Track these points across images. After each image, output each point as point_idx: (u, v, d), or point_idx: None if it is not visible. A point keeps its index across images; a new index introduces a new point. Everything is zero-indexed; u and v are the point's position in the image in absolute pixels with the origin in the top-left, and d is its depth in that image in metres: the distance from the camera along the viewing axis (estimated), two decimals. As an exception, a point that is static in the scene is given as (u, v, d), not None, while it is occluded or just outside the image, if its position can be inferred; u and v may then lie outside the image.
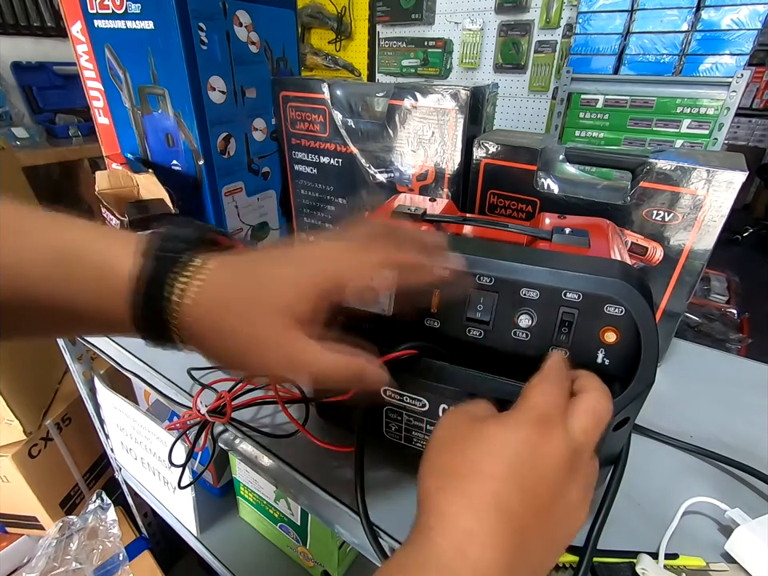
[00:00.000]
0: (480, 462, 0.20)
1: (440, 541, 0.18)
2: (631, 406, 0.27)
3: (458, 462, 0.20)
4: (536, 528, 0.19)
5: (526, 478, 0.19)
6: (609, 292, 0.27)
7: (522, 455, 0.20)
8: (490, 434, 0.21)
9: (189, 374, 0.47)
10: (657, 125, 1.40)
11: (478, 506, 0.19)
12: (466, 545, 0.18)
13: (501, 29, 1.97)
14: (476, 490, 0.19)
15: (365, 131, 0.61)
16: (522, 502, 0.19)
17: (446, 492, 0.20)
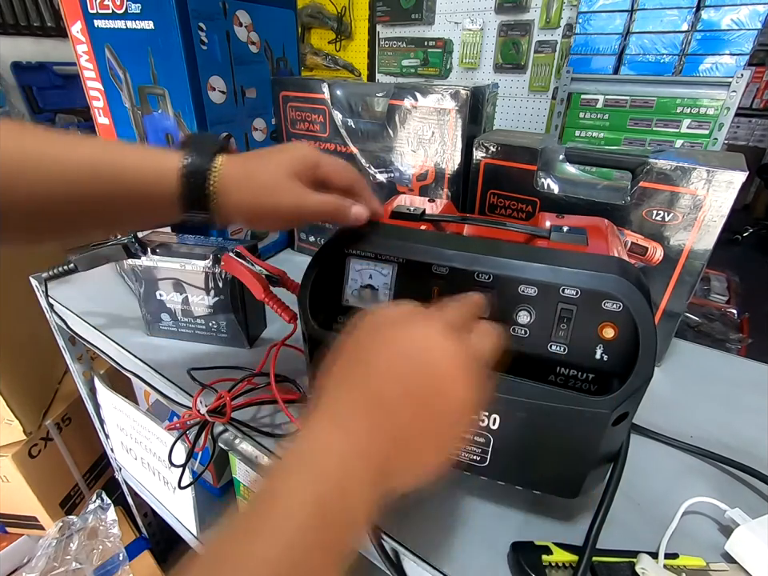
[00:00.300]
0: (377, 363, 0.22)
1: (318, 431, 0.20)
2: (630, 401, 0.27)
3: (360, 361, 0.23)
4: (415, 421, 0.22)
5: (413, 375, 0.22)
6: (607, 288, 0.27)
7: (416, 352, 0.22)
8: (396, 336, 0.23)
9: (189, 374, 0.47)
10: (657, 125, 1.39)
11: (362, 401, 0.21)
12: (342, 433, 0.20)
13: (501, 29, 1.97)
14: (364, 388, 0.22)
15: (365, 131, 0.61)
16: (408, 398, 0.21)
17: (337, 388, 0.22)
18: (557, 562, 0.30)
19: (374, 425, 0.21)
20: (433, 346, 0.23)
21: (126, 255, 0.48)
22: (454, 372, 0.22)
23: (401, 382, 0.22)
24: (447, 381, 0.22)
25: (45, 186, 0.27)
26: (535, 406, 0.28)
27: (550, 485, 0.31)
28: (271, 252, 0.77)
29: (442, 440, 0.23)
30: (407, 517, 0.34)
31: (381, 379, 0.22)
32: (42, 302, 0.64)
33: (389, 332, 0.24)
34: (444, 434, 0.23)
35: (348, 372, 0.23)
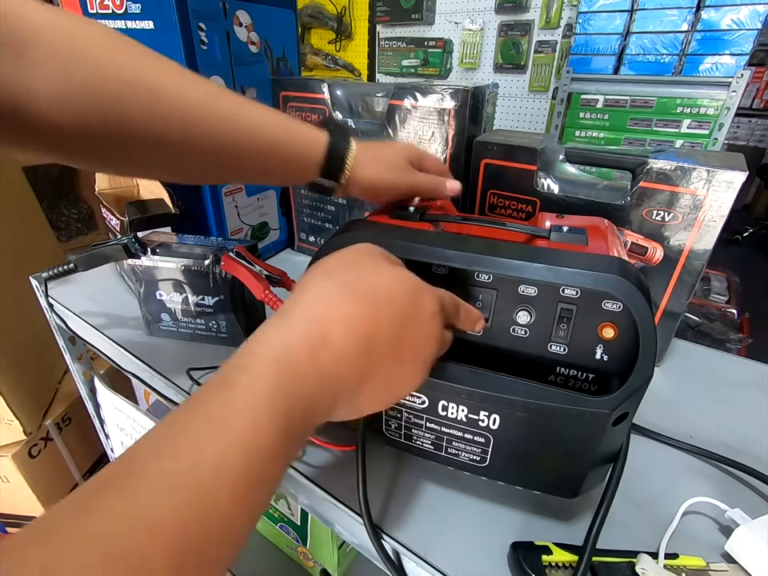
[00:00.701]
0: (379, 297, 0.23)
1: (298, 338, 0.21)
2: (630, 401, 0.27)
3: (366, 289, 0.23)
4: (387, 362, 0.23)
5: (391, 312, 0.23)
6: (607, 288, 0.27)
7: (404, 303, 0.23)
8: (385, 272, 0.24)
9: (188, 374, 0.47)
10: (657, 125, 1.40)
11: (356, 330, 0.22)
12: (323, 354, 0.21)
13: (501, 29, 1.97)
14: (363, 320, 0.22)
15: (365, 131, 0.61)
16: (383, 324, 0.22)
17: (333, 300, 0.22)
18: (557, 562, 0.30)
19: (361, 337, 0.22)
20: (419, 288, 0.25)
21: (126, 255, 0.48)
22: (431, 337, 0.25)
23: (394, 316, 0.23)
24: (423, 332, 0.24)
25: (218, 132, 0.32)
26: (535, 406, 0.28)
27: (550, 485, 0.31)
28: (271, 252, 0.77)
29: (399, 375, 0.24)
30: (407, 517, 0.34)
31: (376, 304, 0.23)
32: (42, 302, 0.64)
33: (388, 264, 0.25)
34: (403, 371, 0.24)
35: (342, 284, 0.23)
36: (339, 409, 0.22)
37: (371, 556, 0.34)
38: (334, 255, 0.25)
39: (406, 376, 0.25)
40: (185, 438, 0.16)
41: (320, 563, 0.66)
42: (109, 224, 0.66)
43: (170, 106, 0.30)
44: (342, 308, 0.22)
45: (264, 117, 0.35)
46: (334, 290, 0.22)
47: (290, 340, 0.20)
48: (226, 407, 0.17)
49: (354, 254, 0.25)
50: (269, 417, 0.18)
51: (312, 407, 0.20)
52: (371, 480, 0.33)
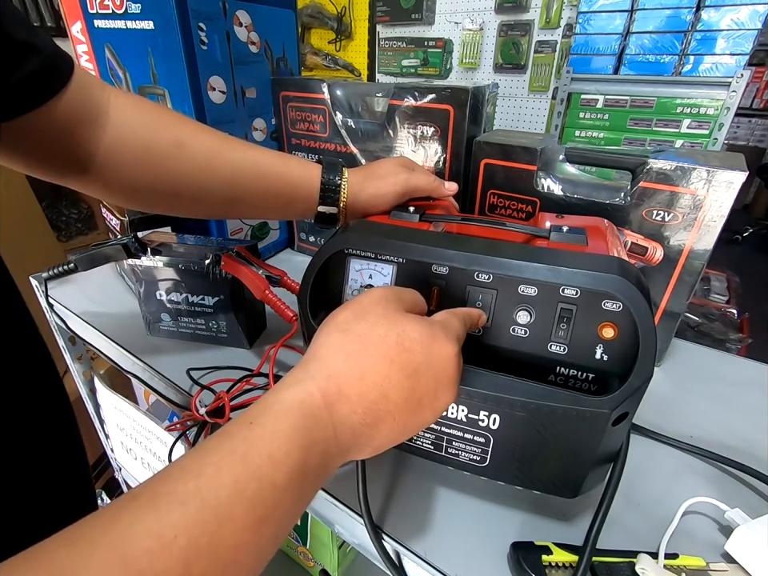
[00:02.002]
0: (390, 349, 0.23)
1: (316, 391, 0.22)
2: (630, 400, 0.27)
3: (376, 340, 0.24)
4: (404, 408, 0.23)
5: (404, 362, 0.23)
6: (606, 288, 0.27)
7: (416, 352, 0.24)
8: (396, 322, 0.24)
9: (188, 374, 0.47)
10: (657, 125, 1.39)
11: (368, 383, 0.23)
12: (339, 405, 0.22)
13: (501, 29, 1.97)
14: (376, 373, 0.23)
15: (365, 131, 0.61)
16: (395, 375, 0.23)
17: (347, 356, 0.23)
18: (557, 562, 0.30)
19: (373, 389, 0.23)
20: (433, 335, 0.24)
21: (126, 255, 0.48)
22: (451, 380, 0.25)
23: (407, 364, 0.23)
24: (438, 382, 0.24)
25: (225, 178, 0.39)
26: (535, 406, 0.28)
27: (550, 485, 0.31)
28: (271, 252, 0.77)
29: (416, 419, 0.24)
30: (407, 517, 0.34)
31: (389, 356, 0.23)
32: (42, 302, 0.64)
33: (400, 313, 0.25)
34: (422, 414, 0.24)
35: (356, 339, 0.24)
36: (356, 452, 0.24)
37: (371, 556, 0.34)
38: (346, 306, 0.26)
39: (424, 419, 0.25)
40: (208, 466, 0.18)
41: (320, 563, 0.66)
42: (109, 224, 0.66)
43: (191, 158, 0.37)
44: (356, 363, 0.23)
45: (264, 159, 0.40)
46: (349, 346, 0.24)
47: (310, 391, 0.22)
48: (248, 442, 0.19)
49: (366, 303, 0.26)
50: (285, 454, 0.19)
51: (327, 451, 0.21)
52: (371, 480, 0.33)
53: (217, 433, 0.20)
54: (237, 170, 0.39)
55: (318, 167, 0.42)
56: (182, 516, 0.16)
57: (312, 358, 0.24)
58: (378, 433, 0.23)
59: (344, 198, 0.42)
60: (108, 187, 0.37)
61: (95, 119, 0.34)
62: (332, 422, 0.22)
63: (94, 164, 0.35)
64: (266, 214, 0.44)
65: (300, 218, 0.47)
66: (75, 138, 0.33)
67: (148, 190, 0.38)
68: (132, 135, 0.36)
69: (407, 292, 0.28)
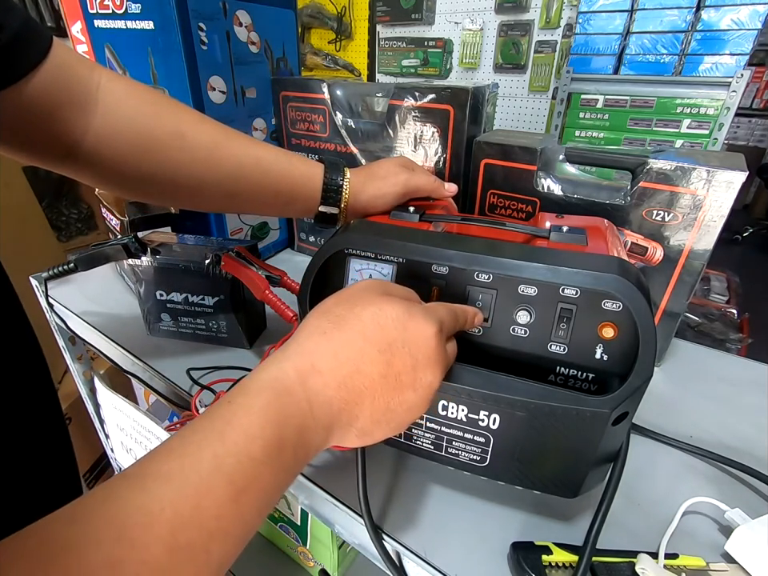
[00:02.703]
0: (365, 326, 0.24)
1: (290, 368, 0.23)
2: (630, 400, 0.27)
3: (353, 319, 0.24)
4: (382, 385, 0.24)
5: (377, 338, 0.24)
6: (606, 287, 0.27)
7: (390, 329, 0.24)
8: (375, 302, 0.25)
9: (188, 374, 0.47)
10: (657, 125, 1.40)
11: (342, 359, 0.23)
12: (312, 380, 0.23)
13: (501, 29, 1.97)
14: (350, 348, 0.24)
15: (365, 131, 0.61)
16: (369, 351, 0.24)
17: (322, 335, 0.24)
18: (557, 562, 0.30)
19: (347, 363, 0.23)
20: (409, 313, 0.25)
21: (126, 255, 0.48)
22: (431, 359, 0.25)
23: (381, 340, 0.24)
24: (416, 359, 0.24)
25: (227, 171, 0.38)
26: (535, 406, 0.28)
27: (550, 485, 0.31)
28: (271, 252, 0.77)
29: (399, 399, 0.24)
30: (408, 517, 0.34)
31: (363, 332, 0.24)
32: (42, 302, 0.64)
33: (381, 296, 0.25)
34: (404, 394, 0.24)
35: (332, 319, 0.25)
36: (340, 431, 0.24)
37: (372, 556, 0.34)
38: (333, 295, 0.27)
39: (407, 400, 0.25)
40: (190, 445, 0.19)
41: (320, 563, 0.66)
42: (109, 224, 0.66)
43: (192, 149, 0.36)
44: (330, 340, 0.24)
45: (267, 155, 0.40)
46: (326, 325, 0.24)
47: (284, 369, 0.23)
48: (225, 420, 0.20)
49: (351, 291, 0.27)
50: (260, 428, 0.20)
51: (304, 425, 0.22)
52: (371, 480, 0.33)
53: (201, 414, 0.21)
54: (239, 165, 0.38)
55: (321, 167, 0.42)
56: (167, 492, 0.18)
57: (292, 340, 0.25)
58: (360, 410, 0.24)
59: (345, 199, 0.42)
60: (101, 175, 0.36)
61: (81, 103, 0.32)
62: (306, 397, 0.22)
63: (83, 150, 0.34)
64: (265, 211, 0.44)
65: (300, 216, 0.47)
66: (57, 122, 0.32)
67: (145, 180, 0.36)
68: (127, 122, 0.34)
69: (397, 286, 0.28)
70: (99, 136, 0.33)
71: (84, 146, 0.33)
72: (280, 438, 0.21)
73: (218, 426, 0.20)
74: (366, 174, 0.43)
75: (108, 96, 0.34)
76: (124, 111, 0.34)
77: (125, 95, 0.35)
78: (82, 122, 0.33)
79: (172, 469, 0.18)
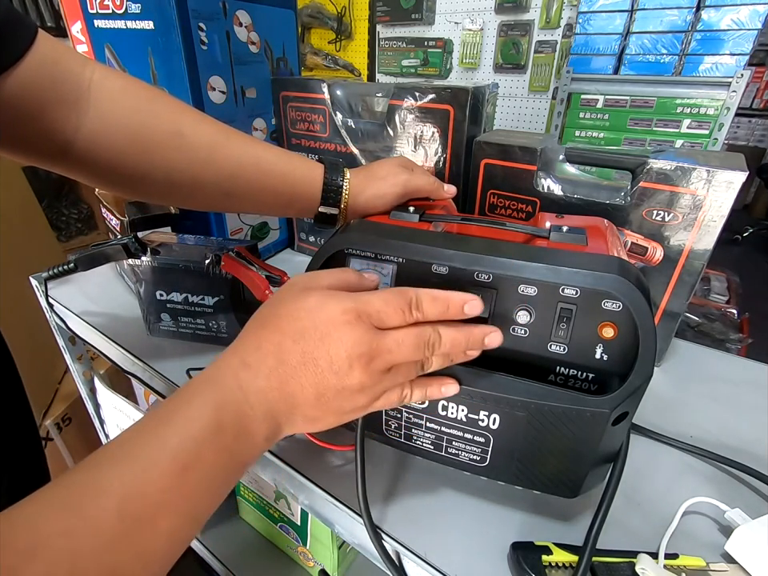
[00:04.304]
0: (282, 321, 0.26)
1: (224, 365, 0.25)
2: (630, 400, 0.27)
3: (273, 318, 0.26)
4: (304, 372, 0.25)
5: (291, 330, 0.25)
6: (606, 287, 0.27)
7: (304, 319, 0.25)
8: (308, 304, 0.26)
9: (188, 374, 0.47)
10: (657, 125, 1.40)
11: (264, 352, 0.25)
12: (242, 373, 0.25)
13: (501, 29, 1.97)
14: (270, 342, 0.25)
15: (365, 131, 0.61)
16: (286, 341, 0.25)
17: (257, 334, 0.26)
18: (557, 562, 0.30)
19: (269, 355, 0.25)
20: (318, 302, 0.26)
21: (125, 255, 0.48)
22: (338, 333, 0.25)
23: (295, 339, 0.25)
24: (328, 341, 0.25)
25: (226, 171, 0.38)
26: (535, 406, 0.28)
27: (550, 484, 0.31)
28: (271, 252, 0.77)
29: (325, 383, 0.25)
30: (407, 517, 0.34)
31: (281, 334, 0.26)
32: (42, 302, 0.64)
33: (301, 295, 0.27)
34: (326, 378, 0.25)
35: (260, 320, 0.27)
36: (288, 420, 0.26)
37: (371, 556, 0.34)
38: (269, 299, 0.29)
39: (335, 383, 0.25)
40: (140, 432, 0.22)
41: (320, 563, 0.66)
42: (109, 224, 0.66)
43: (191, 149, 0.36)
44: (255, 337, 0.26)
45: (267, 155, 0.40)
46: (253, 326, 0.27)
47: (218, 365, 0.25)
48: (169, 409, 0.23)
49: (279, 292, 0.28)
50: (198, 413, 0.23)
51: (241, 411, 0.24)
52: (371, 480, 0.33)
53: (149, 410, 0.24)
54: (238, 165, 0.38)
55: (321, 167, 0.42)
56: (117, 469, 0.20)
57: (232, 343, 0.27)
58: (294, 399, 0.25)
59: (345, 199, 0.42)
60: (97, 174, 0.35)
61: (72, 100, 0.31)
62: (238, 386, 0.24)
63: (76, 148, 0.33)
64: (265, 211, 0.44)
65: (299, 216, 0.47)
66: (46, 120, 0.31)
67: (142, 179, 0.36)
68: (122, 120, 0.33)
69: (326, 272, 0.29)
70: (93, 134, 0.33)
71: (77, 144, 0.33)
72: (218, 422, 0.23)
73: (163, 415, 0.23)
74: (365, 174, 0.43)
75: (102, 93, 0.33)
76: (119, 109, 0.34)
77: (120, 92, 0.34)
78: (73, 120, 0.32)
79: (124, 451, 0.21)
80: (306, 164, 0.42)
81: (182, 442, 0.22)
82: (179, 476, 0.21)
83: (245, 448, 0.24)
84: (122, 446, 0.22)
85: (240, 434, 0.24)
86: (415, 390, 0.28)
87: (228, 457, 0.24)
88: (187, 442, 0.22)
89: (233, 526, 0.76)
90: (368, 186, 0.42)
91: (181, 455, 0.21)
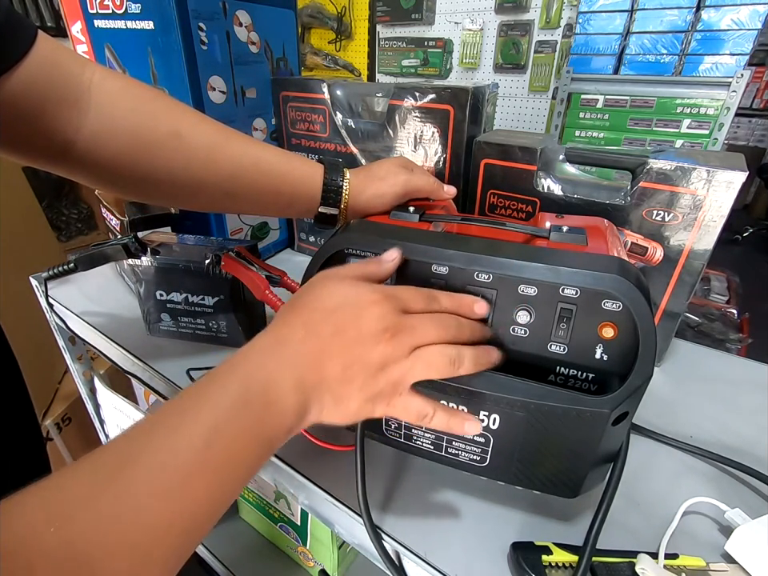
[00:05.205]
0: (313, 303, 0.28)
1: (257, 344, 0.27)
2: (630, 400, 0.27)
3: (302, 302, 0.28)
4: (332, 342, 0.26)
5: (339, 315, 0.27)
6: (606, 287, 0.27)
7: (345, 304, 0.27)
8: (338, 288, 0.28)
9: (188, 374, 0.47)
10: (657, 125, 1.39)
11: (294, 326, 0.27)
12: (273, 348, 0.26)
13: (501, 29, 1.97)
14: (300, 317, 0.27)
15: (365, 131, 0.61)
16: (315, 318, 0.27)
17: (286, 315, 0.28)
18: (557, 562, 0.30)
19: (299, 328, 0.27)
20: (349, 286, 0.28)
21: (125, 255, 0.48)
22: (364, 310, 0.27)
23: (326, 314, 0.27)
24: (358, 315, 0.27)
25: (226, 172, 0.38)
26: (535, 406, 0.28)
27: (550, 485, 0.31)
28: (271, 252, 0.77)
29: (351, 355, 0.26)
30: (407, 517, 0.34)
31: (312, 311, 0.27)
32: (42, 302, 0.64)
33: (331, 282, 0.29)
34: (353, 349, 0.26)
35: (289, 307, 0.28)
36: (317, 395, 0.26)
37: (371, 556, 0.34)
38: (296, 292, 0.30)
39: (360, 356, 0.26)
40: (167, 415, 0.23)
41: (320, 563, 0.66)
42: (109, 224, 0.66)
43: (190, 149, 0.36)
44: (283, 320, 0.28)
45: (266, 156, 0.40)
46: (284, 311, 0.28)
47: (252, 345, 0.27)
48: (209, 382, 0.24)
49: (313, 281, 0.29)
50: (228, 381, 0.24)
51: (271, 380, 0.25)
52: (371, 480, 0.33)
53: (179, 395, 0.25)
54: (238, 165, 0.38)
55: (320, 167, 0.42)
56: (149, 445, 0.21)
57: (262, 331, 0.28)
58: (323, 368, 0.26)
59: (345, 199, 0.42)
60: (97, 175, 0.36)
61: (72, 101, 0.32)
62: (269, 358, 0.26)
63: (77, 150, 0.33)
64: (265, 211, 0.44)
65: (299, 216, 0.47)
66: (47, 121, 0.31)
67: (142, 180, 0.36)
68: (122, 121, 0.34)
69: (348, 265, 0.30)
70: (93, 135, 0.33)
71: (78, 145, 0.33)
72: (246, 389, 0.24)
73: (192, 393, 0.24)
74: (365, 174, 0.43)
75: (102, 94, 0.33)
76: (119, 110, 0.34)
77: (120, 93, 0.34)
78: (74, 121, 0.32)
79: (152, 426, 0.22)
80: (305, 164, 0.42)
81: (211, 414, 0.22)
82: (206, 450, 0.21)
83: (275, 420, 0.25)
84: (152, 422, 0.22)
85: (270, 404, 0.24)
86: (439, 412, 0.28)
87: (259, 429, 0.24)
88: (217, 412, 0.22)
89: (233, 526, 0.76)
90: (368, 186, 0.42)
91: (209, 429, 0.22)
